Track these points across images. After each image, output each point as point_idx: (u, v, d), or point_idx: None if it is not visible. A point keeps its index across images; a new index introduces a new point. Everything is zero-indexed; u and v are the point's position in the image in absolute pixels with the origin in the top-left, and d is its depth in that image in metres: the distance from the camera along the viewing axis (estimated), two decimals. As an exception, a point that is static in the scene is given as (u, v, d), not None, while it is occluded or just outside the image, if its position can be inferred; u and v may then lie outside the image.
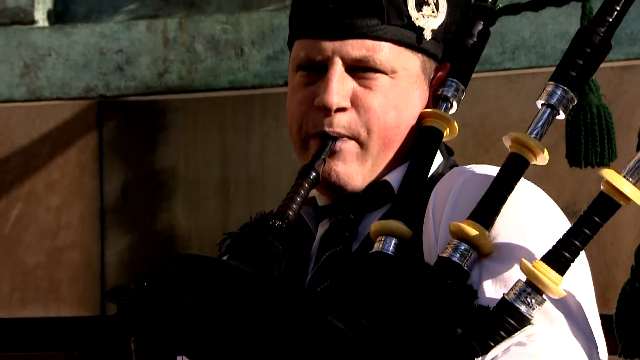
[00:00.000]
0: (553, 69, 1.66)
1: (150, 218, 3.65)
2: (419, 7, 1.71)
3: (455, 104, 1.76)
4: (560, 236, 1.56)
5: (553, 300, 1.54)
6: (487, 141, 3.36)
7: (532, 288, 1.52)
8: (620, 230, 3.10)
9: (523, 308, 1.51)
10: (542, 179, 1.76)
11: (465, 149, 3.30)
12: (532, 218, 1.63)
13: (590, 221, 1.52)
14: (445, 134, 1.74)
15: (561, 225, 1.65)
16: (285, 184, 1.77)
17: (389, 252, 1.64)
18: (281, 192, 1.77)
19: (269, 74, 3.63)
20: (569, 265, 1.52)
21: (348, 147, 1.71)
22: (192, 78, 3.70)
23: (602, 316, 1.65)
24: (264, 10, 3.73)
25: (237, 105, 3.62)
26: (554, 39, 3.37)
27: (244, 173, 3.58)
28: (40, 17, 3.87)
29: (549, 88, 1.62)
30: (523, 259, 1.53)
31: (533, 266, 1.52)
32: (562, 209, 1.70)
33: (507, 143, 1.62)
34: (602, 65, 1.66)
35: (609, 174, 1.52)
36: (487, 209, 1.59)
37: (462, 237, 1.57)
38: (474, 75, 1.79)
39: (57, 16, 3.91)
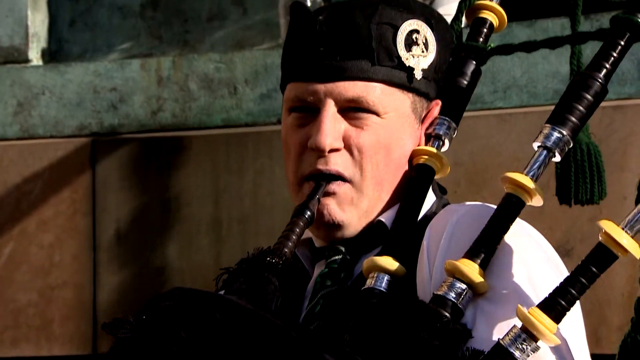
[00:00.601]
0: (544, 108, 1.67)
1: (142, 256, 3.65)
2: (408, 47, 1.73)
3: (447, 142, 1.77)
4: (554, 276, 1.57)
5: (546, 347, 1.55)
6: (479, 179, 3.37)
7: (527, 334, 1.52)
8: (612, 269, 3.09)
9: (517, 354, 1.52)
10: (535, 218, 1.77)
11: (458, 186, 3.32)
12: (526, 259, 1.63)
13: (587, 271, 1.53)
14: (437, 172, 1.75)
15: (556, 266, 1.66)
16: (279, 221, 1.79)
17: (381, 289, 1.65)
18: (274, 230, 1.78)
19: (262, 112, 3.65)
20: (565, 314, 1.53)
21: (342, 190, 1.72)
22: (185, 116, 3.72)
23: (593, 355, 1.66)
24: (257, 49, 3.76)
25: (230, 143, 3.63)
26: (545, 79, 3.39)
27: (237, 211, 3.59)
28: (35, 56, 3.89)
29: (546, 130, 1.63)
30: (519, 306, 1.54)
31: (529, 313, 1.53)
32: (554, 248, 1.71)
33: (504, 183, 1.63)
34: (594, 104, 1.67)
35: (608, 225, 1.53)
36: (483, 248, 1.60)
37: (458, 275, 1.58)
38: (466, 114, 1.81)
39: (51, 55, 3.93)
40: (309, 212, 1.71)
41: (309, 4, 3.47)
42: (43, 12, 3.95)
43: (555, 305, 1.52)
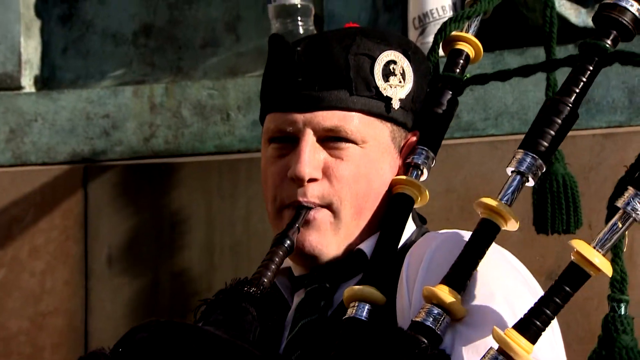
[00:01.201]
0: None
1: (134, 282, 3.64)
2: (385, 77, 1.74)
3: (425, 171, 1.79)
4: (531, 299, 1.57)
5: None
6: (471, 205, 3.35)
7: (504, 356, 1.52)
8: (604, 297, 3.09)
9: (495, 376, 1.52)
10: (527, 245, 1.77)
11: (450, 213, 3.31)
12: (502, 283, 1.64)
13: (560, 291, 1.54)
14: (416, 201, 1.76)
15: (532, 289, 1.66)
16: (270, 248, 1.79)
17: (362, 318, 1.65)
18: (266, 256, 1.78)
19: (255, 139, 3.65)
20: (540, 334, 1.54)
21: (321, 216, 1.73)
22: (178, 143, 3.72)
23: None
24: (250, 75, 3.76)
25: (223, 169, 3.63)
26: (536, 106, 3.37)
27: (229, 238, 3.58)
28: (27, 82, 3.90)
29: (518, 156, 1.65)
30: (495, 327, 1.54)
31: (505, 334, 1.53)
32: (546, 275, 1.71)
33: (479, 209, 1.65)
34: (584, 132, 1.69)
35: (579, 245, 1.54)
36: (460, 273, 1.61)
37: (435, 301, 1.59)
38: (458, 141, 1.82)
39: (43, 82, 3.94)
40: (288, 241, 1.71)
41: (301, 31, 3.49)
42: (36, 39, 3.96)
43: (530, 326, 1.53)
